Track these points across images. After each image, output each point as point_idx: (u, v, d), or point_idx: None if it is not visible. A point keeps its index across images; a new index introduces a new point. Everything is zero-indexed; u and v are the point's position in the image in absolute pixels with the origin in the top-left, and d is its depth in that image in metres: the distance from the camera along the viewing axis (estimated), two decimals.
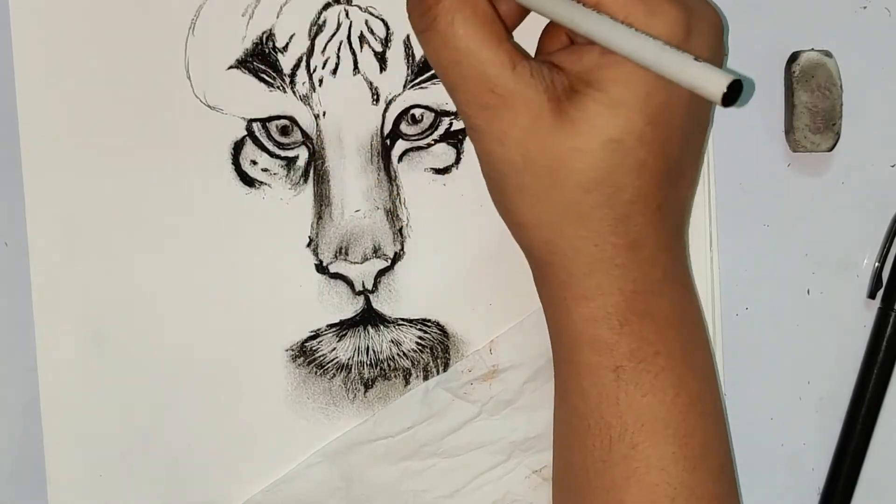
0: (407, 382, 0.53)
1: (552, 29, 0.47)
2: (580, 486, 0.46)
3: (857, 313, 0.52)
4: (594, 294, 0.44)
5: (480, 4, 0.43)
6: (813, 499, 0.52)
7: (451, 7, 0.43)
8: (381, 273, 0.52)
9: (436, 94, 0.51)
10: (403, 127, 0.51)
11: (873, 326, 0.52)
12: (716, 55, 0.44)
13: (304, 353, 0.52)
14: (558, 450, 0.48)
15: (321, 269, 0.52)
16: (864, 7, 0.52)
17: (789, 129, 0.51)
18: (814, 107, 0.50)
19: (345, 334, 0.52)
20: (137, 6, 0.51)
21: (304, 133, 0.52)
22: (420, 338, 0.52)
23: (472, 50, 0.43)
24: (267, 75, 0.51)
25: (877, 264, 0.52)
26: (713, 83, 0.39)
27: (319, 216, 0.52)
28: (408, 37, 0.51)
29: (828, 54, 0.50)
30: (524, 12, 0.47)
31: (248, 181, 0.52)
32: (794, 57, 0.51)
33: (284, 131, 0.52)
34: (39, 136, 0.52)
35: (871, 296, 0.52)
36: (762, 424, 0.52)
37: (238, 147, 0.52)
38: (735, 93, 0.39)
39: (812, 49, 0.51)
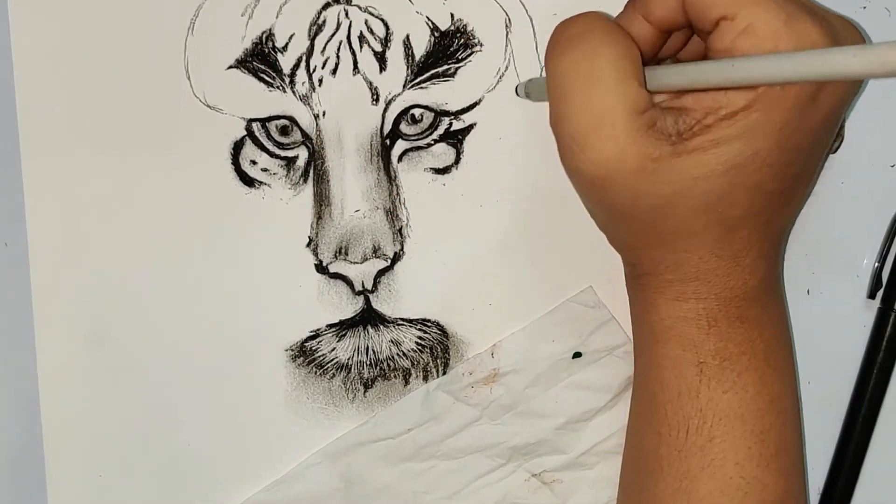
0: (406, 382, 0.53)
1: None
2: (651, 468, 0.46)
3: (857, 313, 0.52)
4: (689, 298, 0.45)
5: (633, 47, 0.42)
6: (813, 499, 0.52)
7: (604, 32, 0.42)
8: (381, 273, 0.52)
9: (435, 94, 0.51)
10: (403, 127, 0.51)
11: (873, 326, 0.52)
12: (848, 99, 0.44)
13: (304, 353, 0.52)
14: (632, 434, 0.48)
15: (321, 269, 0.52)
16: (864, 7, 0.52)
17: None
18: None
19: (344, 334, 0.52)
20: (137, 6, 0.51)
21: (303, 133, 0.52)
22: (420, 338, 0.52)
23: (609, 77, 0.42)
24: (266, 75, 0.51)
25: (877, 264, 0.52)
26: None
27: (319, 216, 0.52)
28: (407, 37, 0.51)
29: None
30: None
31: (248, 181, 0.52)
32: None
33: (284, 131, 0.52)
34: (39, 136, 0.52)
35: (871, 296, 0.52)
36: None
37: (238, 147, 0.52)
38: None
39: None
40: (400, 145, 0.52)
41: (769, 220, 0.44)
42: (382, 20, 0.51)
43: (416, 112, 0.51)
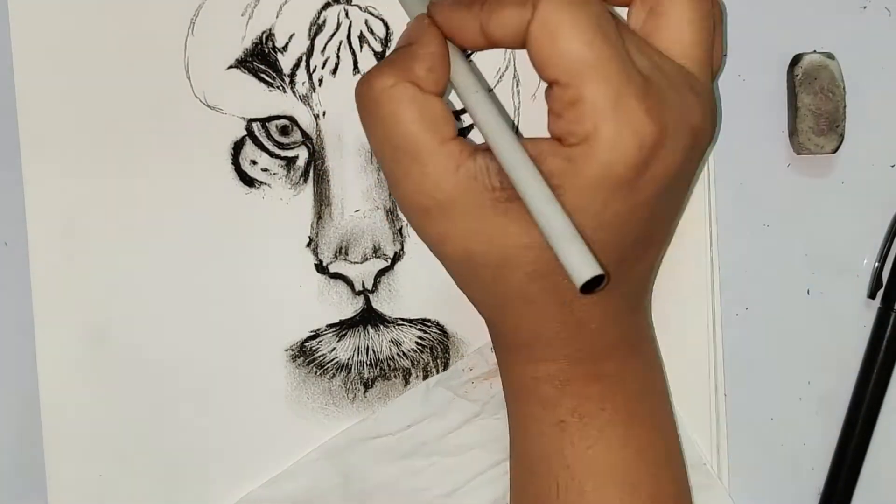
0: (407, 382, 0.53)
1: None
2: None
3: (857, 313, 0.52)
4: (538, 359, 0.45)
5: (430, 102, 0.41)
6: (813, 499, 0.52)
7: (398, 97, 0.41)
8: (381, 273, 0.52)
9: None
10: None
11: (873, 326, 0.52)
12: (689, 165, 0.43)
13: (304, 353, 0.52)
14: (513, 493, 0.49)
15: (321, 268, 0.52)
16: (864, 7, 0.52)
17: (793, 132, 0.51)
18: (817, 109, 0.50)
19: (344, 334, 0.52)
20: (137, 6, 0.51)
21: (303, 133, 0.51)
22: (420, 338, 0.52)
23: (414, 148, 0.41)
24: (267, 75, 0.51)
25: (877, 264, 0.52)
26: (579, 269, 0.38)
27: (319, 216, 0.52)
28: None
29: (830, 56, 0.50)
30: None
31: (248, 181, 0.52)
32: (796, 59, 0.51)
33: (284, 131, 0.52)
34: (39, 136, 0.52)
35: (871, 296, 0.52)
36: (762, 424, 0.52)
37: (238, 147, 0.52)
38: (596, 283, 0.38)
39: (814, 51, 0.51)
40: None
41: (610, 287, 0.41)
42: (383, 20, 0.51)
43: None
